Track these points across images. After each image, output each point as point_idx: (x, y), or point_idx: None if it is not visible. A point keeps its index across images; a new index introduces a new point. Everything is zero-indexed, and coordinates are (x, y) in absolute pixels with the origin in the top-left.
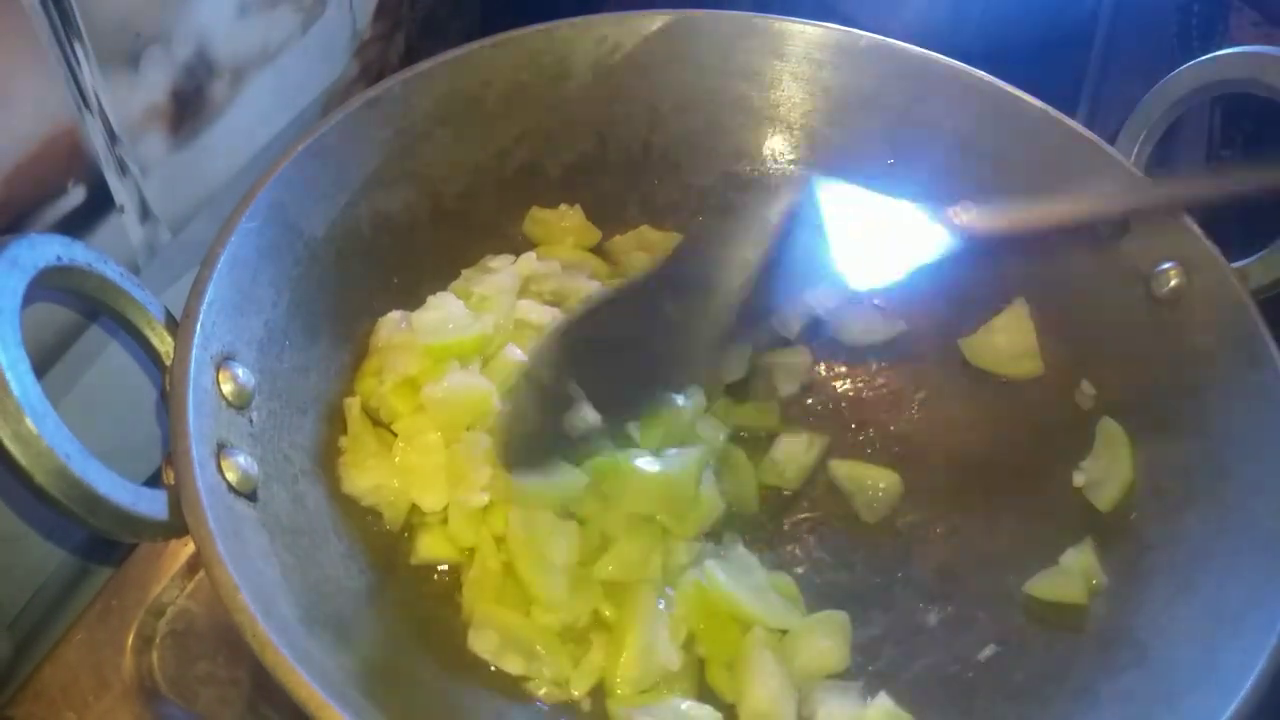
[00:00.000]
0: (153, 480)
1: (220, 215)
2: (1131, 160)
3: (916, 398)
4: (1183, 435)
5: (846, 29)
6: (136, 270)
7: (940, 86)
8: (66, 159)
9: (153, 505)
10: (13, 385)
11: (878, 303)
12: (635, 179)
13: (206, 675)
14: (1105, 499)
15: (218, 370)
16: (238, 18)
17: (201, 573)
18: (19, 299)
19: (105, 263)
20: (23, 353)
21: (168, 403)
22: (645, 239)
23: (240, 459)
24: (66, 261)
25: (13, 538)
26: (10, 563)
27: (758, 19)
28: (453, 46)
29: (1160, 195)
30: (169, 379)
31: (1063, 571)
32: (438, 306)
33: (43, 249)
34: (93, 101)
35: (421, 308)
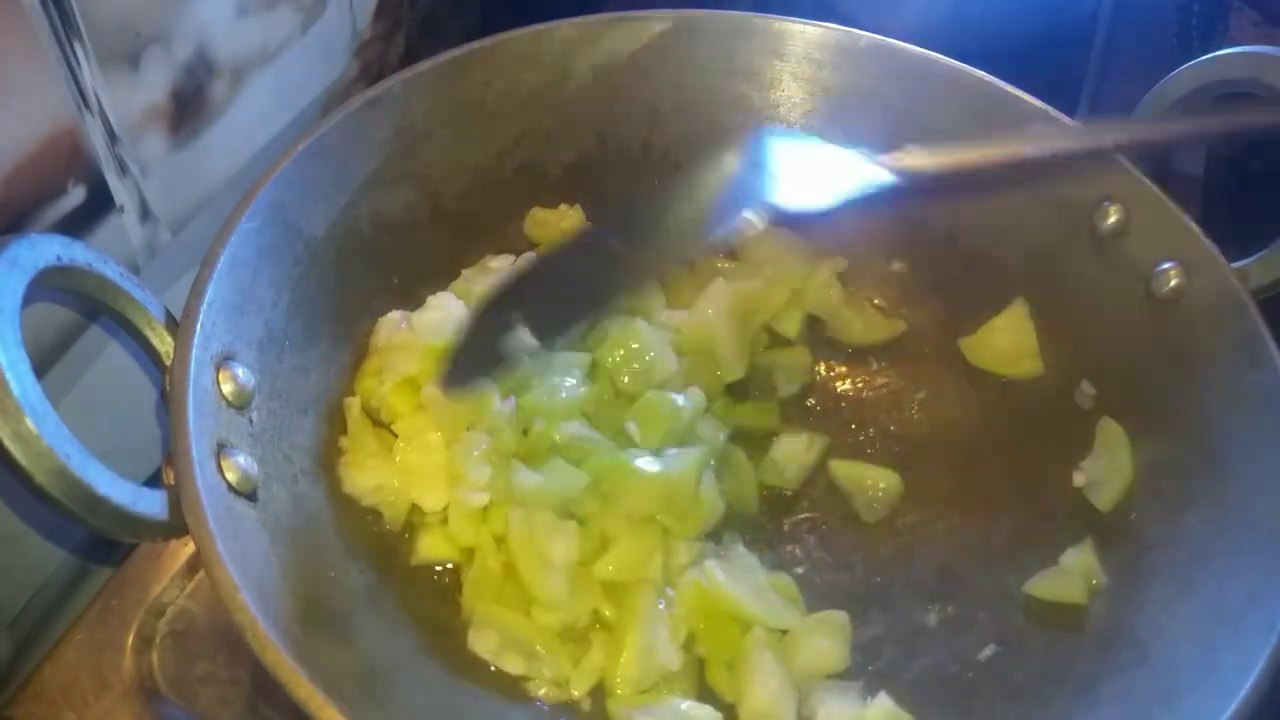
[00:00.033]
0: (153, 480)
1: (220, 215)
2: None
3: (916, 398)
4: (1183, 435)
5: (846, 29)
6: (136, 270)
7: (940, 86)
8: (66, 159)
9: (153, 505)
10: (13, 385)
11: (878, 302)
12: (635, 179)
13: (206, 675)
14: (1105, 499)
15: (218, 370)
16: (237, 18)
17: (201, 573)
18: (19, 299)
19: (105, 263)
20: (23, 353)
21: (168, 403)
22: None
23: (240, 459)
24: (66, 261)
25: (13, 538)
26: (10, 563)
27: (758, 19)
28: (453, 46)
29: (1096, 137)
30: (169, 379)
31: (1063, 571)
32: (438, 306)
33: (43, 249)
34: (93, 101)
35: (421, 308)
